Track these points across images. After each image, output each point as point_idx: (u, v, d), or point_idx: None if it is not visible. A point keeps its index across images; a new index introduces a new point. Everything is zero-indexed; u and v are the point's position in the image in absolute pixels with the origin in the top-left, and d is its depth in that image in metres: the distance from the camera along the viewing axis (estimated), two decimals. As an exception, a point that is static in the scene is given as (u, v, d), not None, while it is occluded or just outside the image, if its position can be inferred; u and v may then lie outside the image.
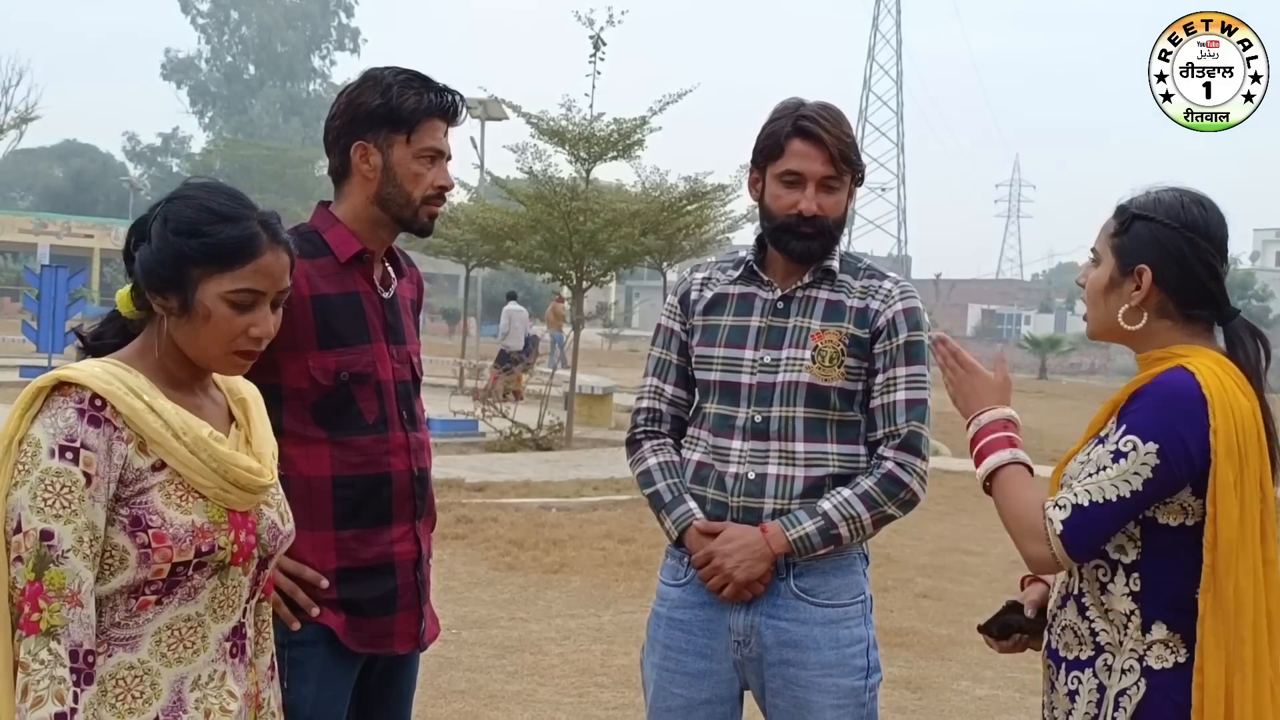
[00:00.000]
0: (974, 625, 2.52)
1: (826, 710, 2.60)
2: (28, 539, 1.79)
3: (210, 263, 1.95)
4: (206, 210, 1.97)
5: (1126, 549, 2.14)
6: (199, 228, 1.95)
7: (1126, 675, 2.11)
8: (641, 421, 2.87)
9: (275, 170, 58.38)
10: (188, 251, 1.94)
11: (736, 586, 2.60)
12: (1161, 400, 2.08)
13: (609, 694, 5.54)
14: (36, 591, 1.78)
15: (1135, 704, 2.09)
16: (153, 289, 1.96)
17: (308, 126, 79.69)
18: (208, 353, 2.00)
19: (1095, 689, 2.15)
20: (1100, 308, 2.26)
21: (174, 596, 1.92)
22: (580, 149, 14.39)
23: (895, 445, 2.64)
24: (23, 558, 1.79)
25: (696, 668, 2.69)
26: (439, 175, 2.66)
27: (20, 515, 1.80)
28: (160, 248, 1.95)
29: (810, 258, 2.70)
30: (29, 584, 1.78)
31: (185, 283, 1.94)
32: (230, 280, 1.96)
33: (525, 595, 7.34)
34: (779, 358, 2.68)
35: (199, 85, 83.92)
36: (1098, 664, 2.16)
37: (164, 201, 2.00)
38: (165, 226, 1.95)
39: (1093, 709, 2.15)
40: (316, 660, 2.54)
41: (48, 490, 1.80)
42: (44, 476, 1.81)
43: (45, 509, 1.80)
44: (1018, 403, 2.53)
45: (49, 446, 1.82)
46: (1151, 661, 2.11)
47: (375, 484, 2.60)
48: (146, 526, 1.87)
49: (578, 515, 9.69)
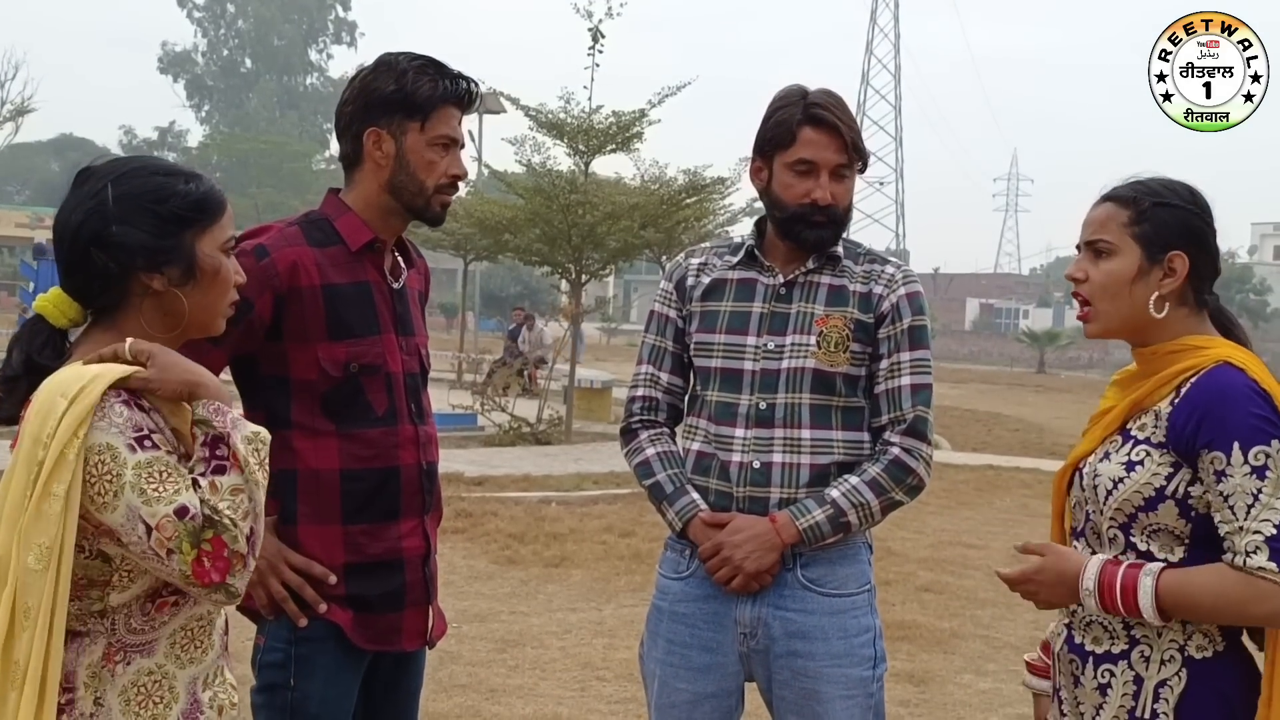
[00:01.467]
0: (976, 618, 2.49)
1: (835, 701, 2.58)
2: (163, 529, 1.72)
3: (201, 218, 1.92)
4: (164, 173, 1.92)
5: (1174, 548, 2.11)
6: (172, 190, 1.90)
7: (1167, 666, 2.10)
8: (637, 410, 2.82)
9: (272, 164, 58.32)
10: (180, 214, 1.89)
11: (746, 578, 2.58)
12: (1237, 401, 2.04)
13: (610, 687, 5.52)
14: (215, 551, 1.74)
15: (1178, 695, 2.08)
16: (150, 268, 1.88)
17: (304, 120, 79.67)
18: (214, 311, 1.98)
19: (1131, 680, 2.13)
20: (1123, 300, 2.19)
21: (190, 596, 1.89)
22: (579, 142, 14.36)
23: (901, 430, 2.63)
24: (174, 548, 1.72)
25: (702, 661, 2.66)
26: (452, 163, 2.61)
27: (140, 518, 1.72)
28: (149, 222, 1.87)
29: (823, 246, 2.67)
30: (194, 562, 1.73)
31: (182, 247, 1.90)
32: (219, 230, 1.95)
33: (526, 589, 7.32)
34: (783, 344, 2.65)
35: (196, 79, 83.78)
36: (1133, 656, 2.13)
37: (105, 186, 1.88)
38: (140, 202, 1.87)
39: (1129, 701, 2.12)
40: (324, 657, 2.51)
41: (149, 480, 1.74)
42: (139, 471, 1.74)
43: (162, 495, 1.73)
44: (1016, 396, 2.51)
45: (125, 443, 1.75)
46: (1192, 651, 2.09)
47: (384, 478, 2.57)
48: None
49: (578, 509, 9.67)
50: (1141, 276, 2.17)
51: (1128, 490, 2.11)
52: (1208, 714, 2.07)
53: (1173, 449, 2.09)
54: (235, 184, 57.43)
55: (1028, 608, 7.39)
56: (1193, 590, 2.03)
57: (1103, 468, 2.16)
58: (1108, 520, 2.15)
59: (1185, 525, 2.09)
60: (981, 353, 53.59)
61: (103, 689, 1.82)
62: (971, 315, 71.17)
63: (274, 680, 2.51)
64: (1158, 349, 2.18)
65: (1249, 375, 2.07)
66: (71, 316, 1.92)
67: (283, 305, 2.48)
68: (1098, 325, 2.24)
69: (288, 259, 2.50)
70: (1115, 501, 2.13)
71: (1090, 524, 2.21)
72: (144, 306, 1.91)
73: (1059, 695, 2.28)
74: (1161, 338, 2.18)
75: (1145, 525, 2.11)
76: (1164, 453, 2.10)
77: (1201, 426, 2.04)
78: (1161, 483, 2.09)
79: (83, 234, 1.87)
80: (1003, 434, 18.35)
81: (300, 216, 2.65)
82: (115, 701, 1.83)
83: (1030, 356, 46.16)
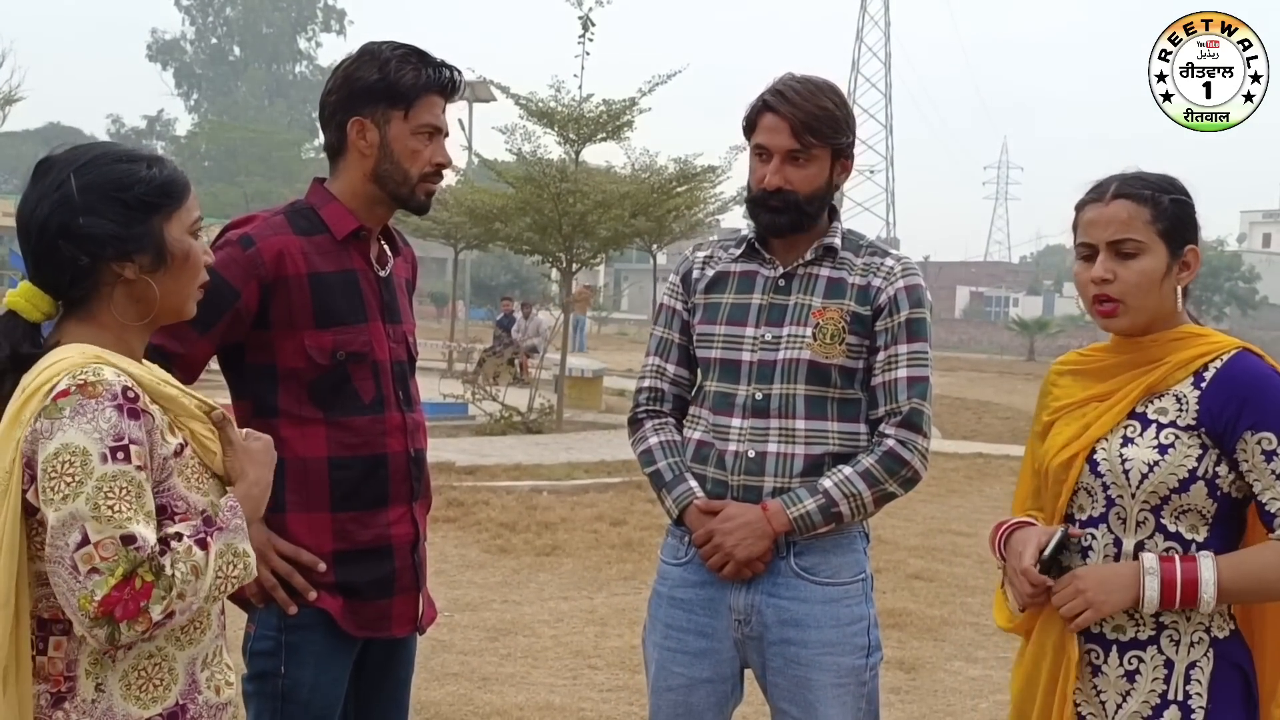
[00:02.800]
0: (967, 606, 2.50)
1: (827, 689, 2.59)
2: (103, 548, 1.70)
3: (167, 202, 1.90)
4: (126, 160, 1.89)
5: (1199, 528, 2.18)
6: (136, 176, 1.87)
7: (1196, 648, 2.17)
8: (643, 401, 2.85)
9: (261, 153, 58.14)
10: (147, 199, 1.87)
11: (737, 565, 2.59)
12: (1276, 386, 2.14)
13: (602, 675, 5.53)
14: (121, 587, 1.70)
15: (1209, 674, 2.16)
16: (120, 257, 1.85)
17: (294, 109, 79.39)
18: (184, 295, 1.96)
19: (1162, 665, 2.18)
20: (1155, 297, 2.23)
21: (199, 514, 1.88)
22: (569, 130, 14.31)
23: (897, 423, 2.63)
24: (100, 568, 1.69)
25: (698, 646, 2.67)
26: (437, 152, 2.62)
27: (84, 527, 1.70)
28: (116, 211, 1.85)
29: (777, 231, 2.68)
30: (114, 588, 1.69)
31: (151, 234, 1.88)
32: (186, 213, 1.93)
33: (517, 578, 7.33)
34: (780, 335, 2.66)
35: (184, 67, 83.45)
36: (1162, 641, 2.19)
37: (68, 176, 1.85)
38: (105, 191, 1.85)
39: (1160, 685, 2.18)
40: (314, 644, 2.52)
41: (110, 496, 1.71)
42: (101, 484, 1.72)
43: (115, 515, 1.71)
44: (1006, 384, 2.53)
45: (99, 452, 1.72)
46: (1215, 631, 2.18)
47: (372, 465, 2.57)
48: (172, 514, 1.84)
49: (569, 498, 9.67)
50: (1169, 274, 2.23)
51: (1163, 473, 2.16)
52: (1233, 688, 2.17)
53: (1204, 432, 2.15)
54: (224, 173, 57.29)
55: (1018, 595, 7.45)
56: (1255, 571, 2.12)
57: (1131, 452, 2.19)
58: (1139, 504, 2.19)
59: (1212, 505, 2.16)
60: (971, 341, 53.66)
61: (103, 675, 1.82)
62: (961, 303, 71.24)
63: (265, 668, 2.51)
64: (1158, 337, 2.24)
65: (1267, 362, 2.17)
66: (44, 310, 1.90)
67: (269, 294, 2.48)
68: (1127, 321, 2.25)
69: (274, 248, 2.49)
70: (1150, 485, 2.17)
71: (1115, 509, 2.22)
72: (115, 295, 1.89)
73: (1072, 685, 2.26)
74: (1162, 326, 2.25)
75: (1176, 507, 2.17)
76: (1193, 435, 2.16)
77: (1245, 409, 2.12)
78: (1193, 465, 2.16)
79: (50, 227, 1.84)
80: (993, 422, 18.39)
81: (286, 205, 2.65)
82: (116, 686, 1.82)
83: (1020, 345, 46.25)
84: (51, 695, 1.81)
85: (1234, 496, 2.16)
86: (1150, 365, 2.22)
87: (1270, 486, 2.10)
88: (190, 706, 1.87)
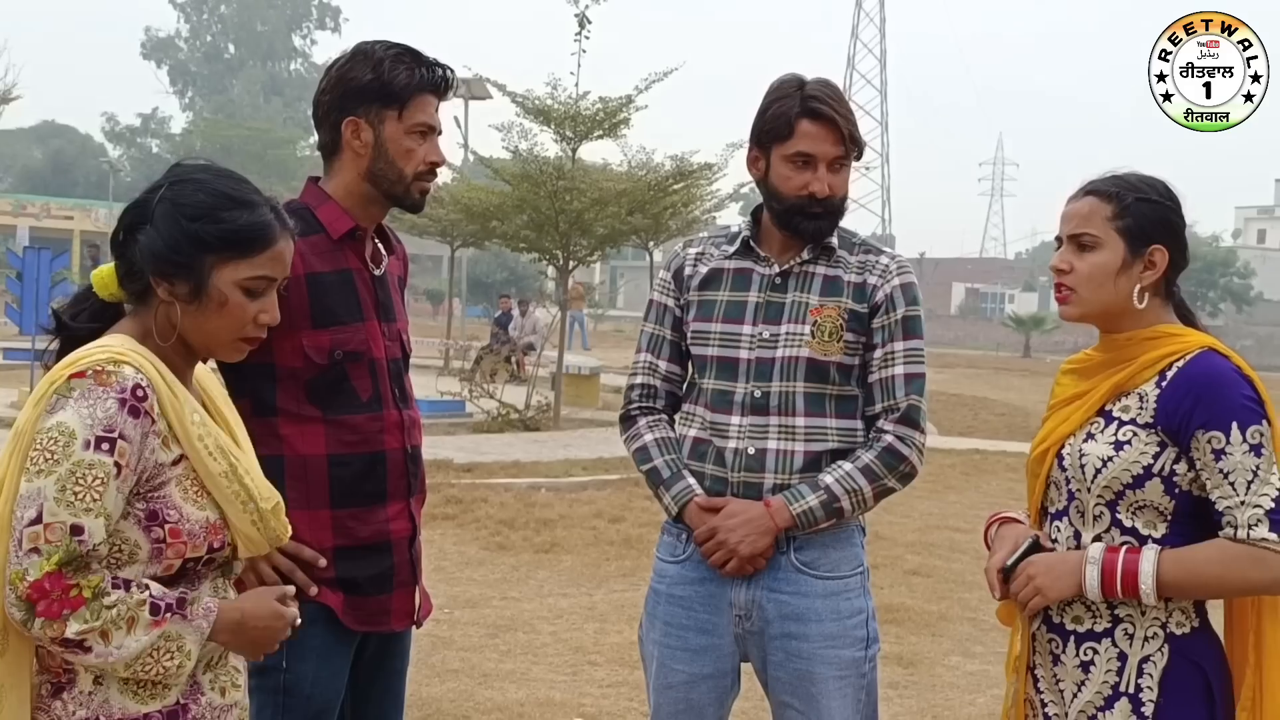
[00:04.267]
0: (964, 601, 2.54)
1: (829, 681, 2.61)
2: (51, 531, 1.73)
3: (228, 250, 1.92)
4: (220, 195, 1.93)
5: (1157, 525, 2.20)
6: (215, 213, 1.91)
7: (1150, 642, 2.20)
8: (635, 397, 2.86)
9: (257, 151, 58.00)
10: (205, 238, 1.90)
11: (740, 561, 2.61)
12: (1231, 385, 2.16)
13: (602, 672, 5.55)
14: (56, 580, 1.73)
15: (1161, 669, 2.18)
16: (161, 275, 1.90)
17: (289, 107, 79.28)
18: (216, 339, 1.98)
19: (1115, 657, 2.22)
20: (1107, 290, 2.28)
21: (177, 589, 1.90)
22: (566, 128, 14.31)
23: (895, 419, 2.65)
24: (41, 550, 1.72)
25: (698, 643, 2.69)
26: (430, 151, 2.63)
27: (42, 506, 1.73)
28: (173, 233, 1.90)
29: (820, 237, 2.69)
30: (46, 575, 1.72)
31: (199, 269, 1.91)
32: (247, 268, 1.94)
33: (516, 575, 7.34)
34: (778, 333, 2.67)
35: (179, 65, 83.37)
36: (1117, 634, 2.22)
37: (166, 184, 1.94)
38: (177, 211, 1.90)
39: (1113, 677, 2.21)
40: (315, 639, 2.52)
41: (79, 484, 1.74)
42: (75, 469, 1.74)
43: (76, 503, 1.74)
44: (1002, 381, 2.57)
45: (85, 437, 1.75)
46: (1174, 628, 2.20)
47: (370, 462, 2.59)
48: (163, 521, 1.85)
49: (567, 495, 9.68)
50: (1125, 269, 2.27)
51: (1116, 469, 2.20)
52: (1188, 685, 2.19)
53: (1160, 429, 2.19)
54: (220, 171, 57.13)
55: (1015, 590, 7.47)
56: (1196, 566, 2.13)
57: (1089, 448, 2.24)
58: (1095, 498, 2.23)
59: (1169, 502, 2.19)
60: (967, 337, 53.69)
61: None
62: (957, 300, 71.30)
63: (266, 663, 2.50)
64: (1133, 335, 2.28)
65: (1233, 362, 2.19)
66: (113, 291, 1.97)
67: None
68: (1076, 310, 2.33)
69: None
70: (1104, 479, 2.21)
71: (1075, 503, 2.28)
72: (158, 309, 1.94)
73: (1035, 673, 2.34)
74: (1136, 325, 2.29)
75: (1131, 502, 2.21)
76: (1151, 433, 2.19)
77: (1196, 408, 2.14)
78: (1149, 461, 2.19)
79: (127, 219, 1.94)
80: (989, 418, 18.41)
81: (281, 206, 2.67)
82: (114, 680, 1.84)
83: (1016, 341, 46.27)
84: (51, 685, 1.84)
85: (1194, 494, 2.18)
86: (1123, 364, 2.27)
87: (1219, 485, 2.12)
88: (192, 706, 1.89)
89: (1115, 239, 2.26)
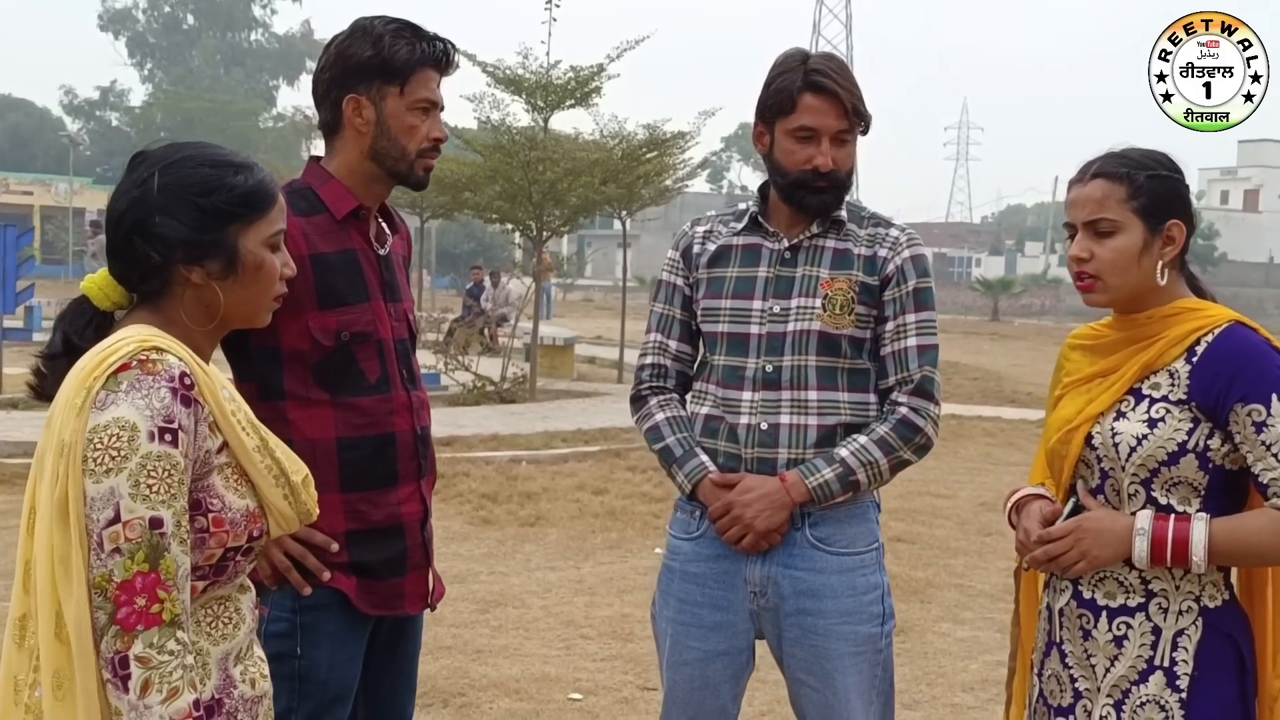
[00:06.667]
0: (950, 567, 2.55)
1: (845, 657, 2.61)
2: (130, 529, 1.68)
3: (248, 213, 1.89)
4: (219, 163, 1.89)
5: (1191, 500, 2.20)
6: (224, 182, 1.87)
7: (1184, 616, 2.20)
8: (646, 377, 2.84)
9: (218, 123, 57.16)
10: (225, 208, 1.86)
11: (756, 536, 2.60)
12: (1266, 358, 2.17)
13: (595, 645, 5.55)
14: (154, 582, 1.68)
15: (1196, 642, 2.19)
16: (192, 260, 1.86)
17: (250, 78, 78.37)
18: (255, 306, 1.95)
19: (1150, 631, 2.22)
20: (1133, 273, 2.26)
21: (218, 582, 1.87)
22: (537, 98, 14.22)
23: (909, 390, 2.64)
24: (122, 549, 1.68)
25: (713, 620, 2.68)
26: (433, 127, 2.60)
27: (119, 504, 1.68)
28: (192, 214, 1.85)
29: (825, 211, 2.68)
30: (140, 575, 1.68)
31: (227, 241, 1.87)
32: (266, 225, 1.92)
33: (503, 549, 7.33)
34: (789, 307, 2.66)
35: (137, 36, 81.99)
36: (1150, 608, 2.22)
37: (154, 172, 1.86)
38: (186, 192, 1.85)
39: (1147, 650, 2.21)
40: (329, 624, 2.51)
41: (151, 476, 1.69)
42: (145, 462, 1.69)
43: (151, 495, 1.69)
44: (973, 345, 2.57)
45: (147, 430, 1.70)
46: (1206, 601, 2.21)
47: (380, 445, 2.56)
48: (207, 510, 1.81)
49: (548, 467, 9.66)
50: (1146, 249, 2.26)
51: (1151, 446, 2.19)
52: (1222, 657, 2.19)
53: (1195, 406, 2.18)
54: (182, 144, 56.40)
55: (999, 555, 7.51)
56: (1247, 536, 2.14)
57: (1121, 426, 2.23)
58: (1129, 477, 2.22)
59: (1203, 477, 2.18)
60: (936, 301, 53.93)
61: None
62: (925, 265, 71.51)
63: (281, 649, 2.49)
64: (1154, 313, 2.27)
65: (1260, 334, 2.19)
66: (115, 299, 1.90)
67: None
68: (1103, 297, 2.30)
69: None
70: (1139, 458, 2.20)
71: (1110, 481, 2.27)
72: (185, 296, 1.89)
73: (1062, 649, 2.33)
74: (1157, 302, 2.28)
75: (1166, 479, 2.20)
76: (1184, 409, 2.19)
77: (1234, 382, 2.14)
78: (1183, 438, 2.18)
79: (126, 221, 1.85)
80: (962, 383, 18.50)
81: (283, 185, 2.62)
82: None
83: (984, 305, 46.54)
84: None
85: (1227, 469, 2.18)
86: (1148, 341, 2.25)
87: (1262, 458, 2.13)
88: (226, 701, 1.86)
89: (1134, 220, 2.25)
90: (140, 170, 1.88)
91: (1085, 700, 2.28)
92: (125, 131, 71.42)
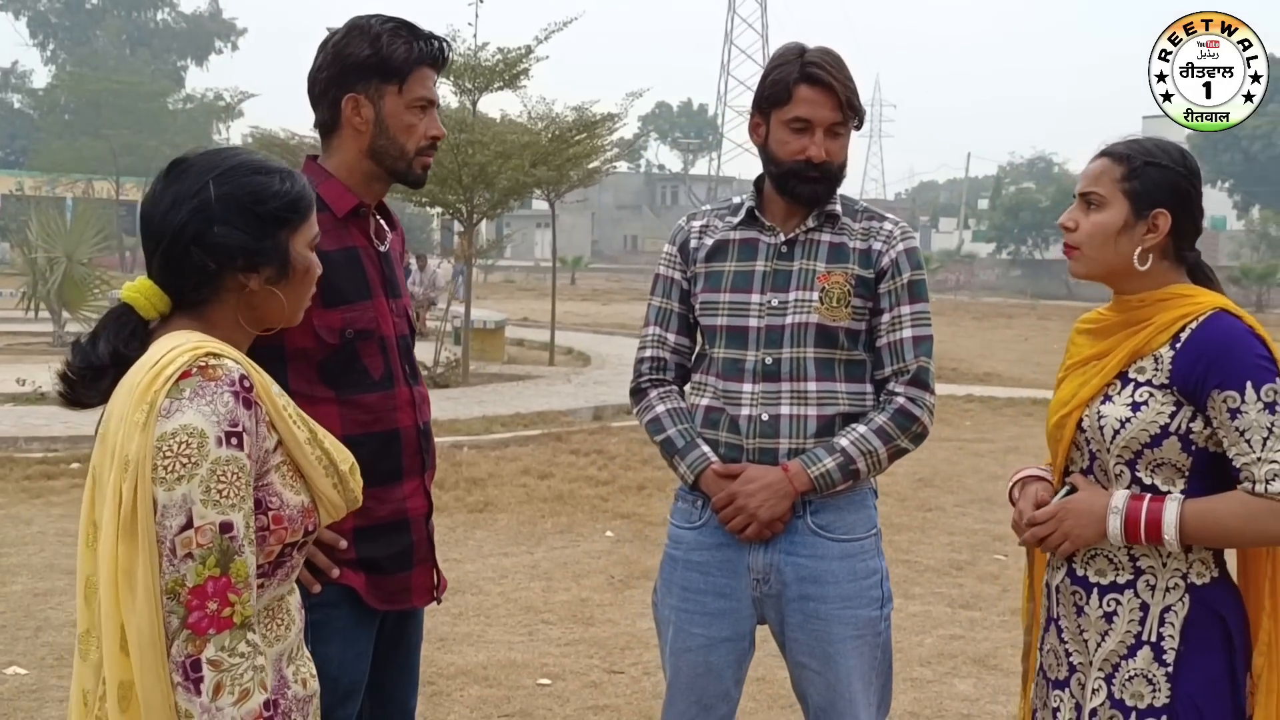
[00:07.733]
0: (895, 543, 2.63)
1: (847, 641, 2.69)
2: (202, 534, 1.70)
3: (295, 217, 1.92)
4: (266, 171, 1.91)
5: (1176, 481, 2.28)
6: (274, 190, 1.89)
7: (1171, 593, 2.29)
8: (646, 370, 2.89)
9: (127, 104, 55.68)
10: (279, 215, 1.89)
11: (760, 525, 2.66)
12: (1244, 345, 2.23)
13: (558, 630, 5.60)
14: (225, 586, 1.71)
15: (1182, 618, 2.27)
16: (248, 268, 1.88)
17: (157, 58, 76.49)
18: (298, 305, 1.99)
19: (1138, 608, 2.30)
20: (1109, 249, 2.35)
21: (276, 578, 1.89)
22: (466, 80, 14.14)
23: (905, 381, 2.72)
24: (194, 555, 1.69)
25: (716, 607, 2.74)
26: (431, 125, 2.62)
27: (191, 510, 1.70)
28: (250, 223, 1.87)
29: (816, 201, 2.74)
30: (211, 579, 1.70)
31: (279, 247, 1.90)
32: (308, 228, 1.96)
33: (454, 536, 7.33)
34: (786, 300, 2.72)
35: (38, 15, 79.55)
36: (1139, 585, 2.31)
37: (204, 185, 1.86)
38: (241, 202, 1.86)
39: (1135, 626, 2.30)
40: (339, 621, 2.52)
41: (220, 481, 1.71)
42: (215, 467, 1.71)
43: (221, 500, 1.71)
44: None
45: (215, 435, 1.72)
46: (1194, 578, 2.29)
47: (385, 441, 2.58)
48: (267, 509, 1.83)
49: (490, 453, 9.66)
50: (1127, 230, 2.34)
51: (1134, 429, 2.28)
52: (1209, 633, 2.27)
53: (1176, 390, 2.26)
54: (88, 126, 54.95)
55: (942, 530, 7.67)
56: (1218, 518, 2.22)
57: (1106, 409, 2.32)
58: (1114, 458, 2.31)
59: (1186, 459, 2.27)
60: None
61: None
62: (842, 242, 72.10)
63: (292, 647, 2.51)
64: (1145, 297, 2.35)
65: (1245, 321, 2.26)
66: (160, 309, 1.90)
67: None
68: (1081, 267, 2.42)
69: None
70: (1123, 440, 2.29)
71: (1097, 462, 2.36)
72: (235, 302, 1.91)
73: (1059, 625, 2.43)
74: (1146, 286, 2.35)
75: (1150, 460, 2.29)
76: (1166, 393, 2.27)
77: (1211, 369, 2.22)
78: (1165, 421, 2.26)
79: (185, 233, 1.85)
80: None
81: None
82: None
83: (901, 281, 46.97)
84: None
85: (1210, 450, 2.26)
86: (1138, 326, 2.33)
87: (1236, 442, 2.21)
88: (281, 701, 1.87)
89: (1120, 200, 2.33)
90: (189, 180, 1.88)
91: (1079, 674, 2.38)
92: (28, 114, 69.41)
